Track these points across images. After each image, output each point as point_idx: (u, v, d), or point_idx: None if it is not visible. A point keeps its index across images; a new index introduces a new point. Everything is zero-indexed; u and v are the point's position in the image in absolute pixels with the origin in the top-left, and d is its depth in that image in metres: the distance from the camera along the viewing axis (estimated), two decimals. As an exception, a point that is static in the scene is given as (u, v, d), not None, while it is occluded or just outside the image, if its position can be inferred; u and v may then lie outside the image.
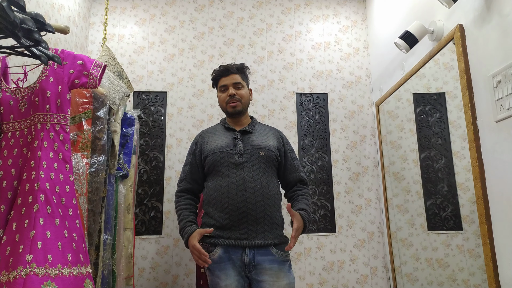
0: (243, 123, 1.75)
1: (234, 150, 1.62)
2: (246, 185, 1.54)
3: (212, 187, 1.61)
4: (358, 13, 3.40)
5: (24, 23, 1.19)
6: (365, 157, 3.12)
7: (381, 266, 2.92)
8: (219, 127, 1.77)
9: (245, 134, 1.68)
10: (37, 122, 1.46)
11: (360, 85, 3.26)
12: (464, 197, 1.99)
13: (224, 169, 1.59)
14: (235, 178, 1.56)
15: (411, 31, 2.15)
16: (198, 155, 1.71)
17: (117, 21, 3.24)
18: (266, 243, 1.51)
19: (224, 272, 1.49)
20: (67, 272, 1.30)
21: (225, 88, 1.72)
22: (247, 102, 1.74)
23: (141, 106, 3.09)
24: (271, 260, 1.51)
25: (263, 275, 1.49)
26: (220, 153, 1.62)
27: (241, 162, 1.59)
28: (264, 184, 1.57)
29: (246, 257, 1.49)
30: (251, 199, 1.53)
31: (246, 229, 1.51)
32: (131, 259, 2.28)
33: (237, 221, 1.51)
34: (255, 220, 1.52)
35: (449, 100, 2.10)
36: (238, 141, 1.64)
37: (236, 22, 3.32)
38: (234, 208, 1.52)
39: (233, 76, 1.71)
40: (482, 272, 1.76)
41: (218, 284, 1.50)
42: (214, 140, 1.69)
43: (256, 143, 1.65)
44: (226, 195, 1.55)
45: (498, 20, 1.62)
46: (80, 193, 1.64)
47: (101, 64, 1.61)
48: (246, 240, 1.50)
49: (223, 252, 1.51)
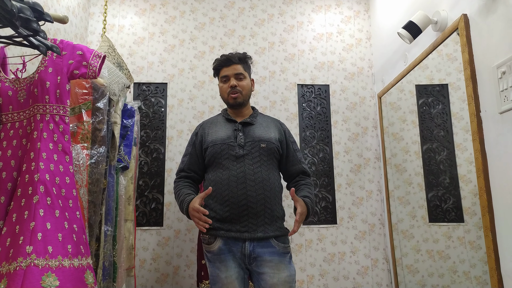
0: (245, 114, 1.73)
1: (235, 142, 1.60)
2: (247, 177, 1.53)
3: (213, 179, 1.59)
4: (360, 3, 3.36)
5: (22, 12, 1.17)
6: (367, 149, 3.10)
7: (381, 258, 2.93)
8: (220, 118, 1.74)
9: (246, 125, 1.66)
10: (36, 113, 1.45)
11: (362, 76, 3.23)
12: (466, 189, 1.98)
13: (224, 161, 1.58)
14: (236, 170, 1.55)
15: (415, 21, 2.12)
16: (199, 146, 1.69)
17: (117, 11, 3.21)
18: (267, 236, 1.50)
19: (224, 264, 1.49)
20: (68, 264, 1.30)
21: (226, 79, 1.69)
22: (249, 93, 1.71)
23: (142, 97, 3.08)
24: (271, 252, 1.50)
25: (264, 267, 1.49)
26: (220, 145, 1.61)
27: (242, 155, 1.57)
28: (264, 177, 1.55)
29: (247, 249, 1.49)
30: (251, 192, 1.52)
31: (247, 222, 1.50)
32: (132, 251, 2.29)
33: (238, 214, 1.51)
34: (255, 213, 1.51)
35: (452, 91, 2.08)
36: (239, 133, 1.62)
37: (237, 13, 3.29)
38: (235, 201, 1.51)
39: (235, 66, 1.68)
40: (483, 264, 1.75)
41: (218, 275, 1.50)
42: (215, 132, 1.67)
43: (257, 135, 1.63)
44: (226, 187, 1.53)
45: (503, 10, 1.60)
46: (81, 184, 1.64)
47: (100, 55, 1.59)
48: (247, 232, 1.49)
49: (223, 244, 1.51)
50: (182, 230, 2.91)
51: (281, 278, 1.48)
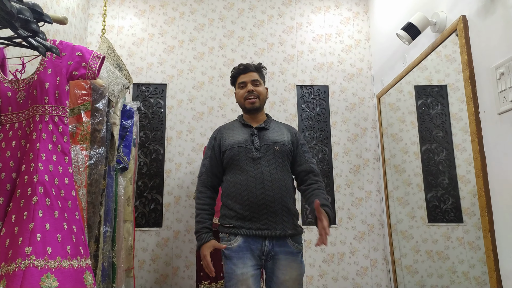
0: (259, 119, 1.82)
1: (252, 145, 1.71)
2: (264, 178, 1.64)
3: (232, 181, 1.69)
4: (359, 5, 3.37)
5: (21, 13, 1.17)
6: (366, 150, 3.11)
7: (381, 258, 2.93)
8: (237, 123, 1.84)
9: (261, 130, 1.77)
10: (36, 114, 1.45)
11: (361, 77, 3.23)
12: (465, 189, 1.99)
13: (242, 164, 1.68)
14: (253, 172, 1.66)
15: (414, 22, 2.13)
16: (217, 150, 1.79)
17: (116, 12, 3.21)
18: (285, 234, 1.61)
19: (242, 261, 1.58)
20: (67, 264, 1.30)
21: (243, 85, 1.79)
22: (264, 99, 1.82)
23: (141, 98, 3.08)
24: (287, 251, 1.61)
25: (278, 265, 1.61)
26: (238, 148, 1.71)
27: (258, 157, 1.68)
28: (280, 178, 1.66)
29: (266, 247, 1.60)
30: (269, 192, 1.62)
31: (266, 220, 1.60)
32: (131, 251, 2.28)
33: (257, 212, 1.61)
34: (274, 211, 1.61)
35: (451, 92, 2.09)
36: (255, 137, 1.73)
37: (237, 14, 3.29)
38: (254, 200, 1.61)
39: (252, 73, 1.79)
40: (482, 264, 1.76)
41: (234, 271, 1.57)
42: (232, 136, 1.77)
43: (271, 138, 1.74)
44: (245, 188, 1.64)
45: (502, 11, 1.60)
46: (80, 185, 1.64)
47: (99, 56, 1.59)
48: (267, 230, 1.59)
49: (242, 242, 1.60)
50: (181, 231, 2.91)
51: (292, 276, 1.59)
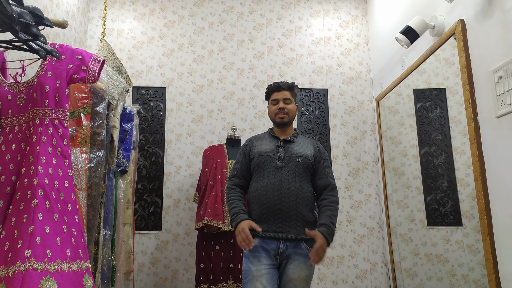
0: (287, 133, 1.98)
1: (276, 155, 1.87)
2: (282, 186, 1.78)
3: (255, 186, 1.86)
4: (358, 8, 3.38)
5: (21, 17, 1.18)
6: (365, 153, 3.11)
7: (380, 262, 2.93)
8: (267, 135, 2.01)
9: (287, 143, 1.92)
10: (36, 117, 1.45)
11: (361, 80, 3.24)
12: (464, 192, 1.99)
13: (266, 171, 1.84)
14: (274, 179, 1.81)
15: (412, 26, 2.14)
16: (247, 156, 1.96)
17: (116, 15, 3.22)
18: (298, 238, 1.74)
19: (257, 259, 1.74)
20: (66, 267, 1.30)
21: (276, 102, 1.97)
22: (294, 115, 1.99)
23: (141, 101, 3.08)
24: (299, 253, 1.74)
25: (290, 264, 1.74)
26: (264, 156, 1.88)
27: (281, 166, 1.83)
28: (298, 187, 1.79)
29: (280, 248, 1.74)
30: (285, 199, 1.76)
31: (281, 224, 1.75)
32: (130, 254, 2.28)
33: (273, 216, 1.76)
34: (288, 217, 1.75)
35: (450, 95, 2.09)
36: (281, 148, 1.89)
37: (236, 17, 3.30)
38: (270, 205, 1.76)
39: (284, 92, 1.97)
40: (482, 267, 1.76)
41: (250, 268, 1.74)
42: (260, 145, 1.94)
43: (296, 151, 1.88)
44: (264, 193, 1.79)
45: (499, 15, 1.61)
46: (79, 188, 1.64)
47: (99, 59, 1.59)
48: (281, 233, 1.74)
49: (259, 243, 1.75)
50: (180, 234, 2.90)
51: (301, 275, 1.73)
